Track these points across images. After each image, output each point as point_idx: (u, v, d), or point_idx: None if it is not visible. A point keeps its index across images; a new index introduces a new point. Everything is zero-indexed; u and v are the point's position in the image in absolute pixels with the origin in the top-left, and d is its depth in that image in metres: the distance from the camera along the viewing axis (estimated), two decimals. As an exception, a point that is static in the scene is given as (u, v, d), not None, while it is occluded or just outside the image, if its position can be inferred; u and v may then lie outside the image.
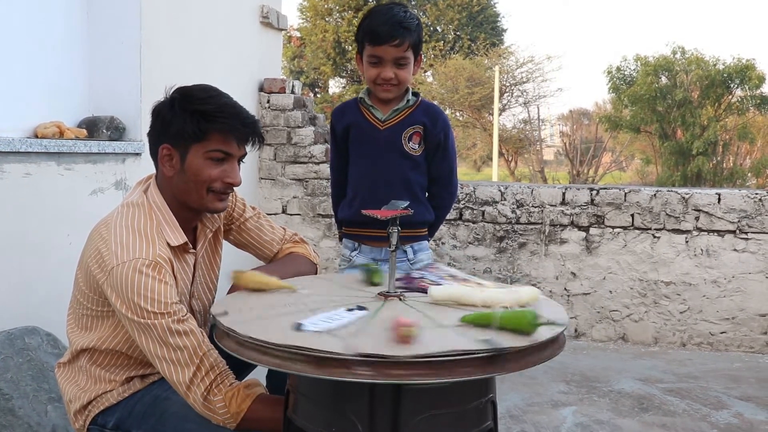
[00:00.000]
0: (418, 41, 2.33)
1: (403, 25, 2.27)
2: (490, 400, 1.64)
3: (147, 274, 1.70)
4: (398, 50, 2.27)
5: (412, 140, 2.40)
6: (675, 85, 20.06)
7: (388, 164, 2.39)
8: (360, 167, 2.45)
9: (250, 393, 1.71)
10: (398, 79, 2.32)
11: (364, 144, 2.42)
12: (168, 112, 1.85)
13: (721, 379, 3.84)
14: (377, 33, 2.27)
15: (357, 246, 2.47)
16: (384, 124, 2.40)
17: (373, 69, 2.32)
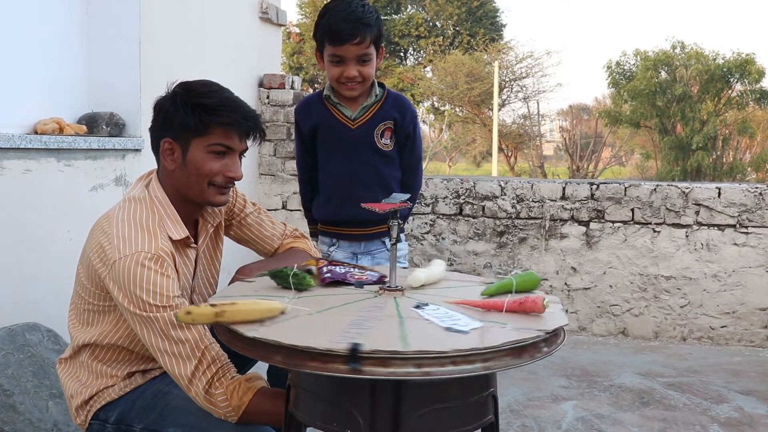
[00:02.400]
0: (379, 35, 2.28)
1: (363, 21, 2.21)
2: (491, 395, 1.64)
3: (149, 267, 1.71)
4: (360, 48, 2.23)
5: (384, 136, 2.37)
6: (675, 80, 20.06)
7: (362, 163, 2.36)
8: (333, 167, 2.40)
9: (252, 386, 1.71)
10: (362, 76, 2.27)
11: (335, 143, 2.38)
12: (170, 106, 1.85)
13: (722, 373, 3.85)
14: (337, 32, 2.21)
15: (335, 242, 2.46)
16: (355, 122, 2.36)
17: (335, 68, 2.27)
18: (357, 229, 2.40)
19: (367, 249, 2.44)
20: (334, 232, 2.46)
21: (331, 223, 2.45)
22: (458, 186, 4.69)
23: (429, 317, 1.54)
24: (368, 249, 2.44)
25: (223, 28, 4.37)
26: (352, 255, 2.43)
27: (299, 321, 1.52)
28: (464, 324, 1.49)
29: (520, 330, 1.46)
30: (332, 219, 2.44)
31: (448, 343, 1.38)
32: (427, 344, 1.36)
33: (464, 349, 1.35)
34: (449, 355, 1.34)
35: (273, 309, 1.52)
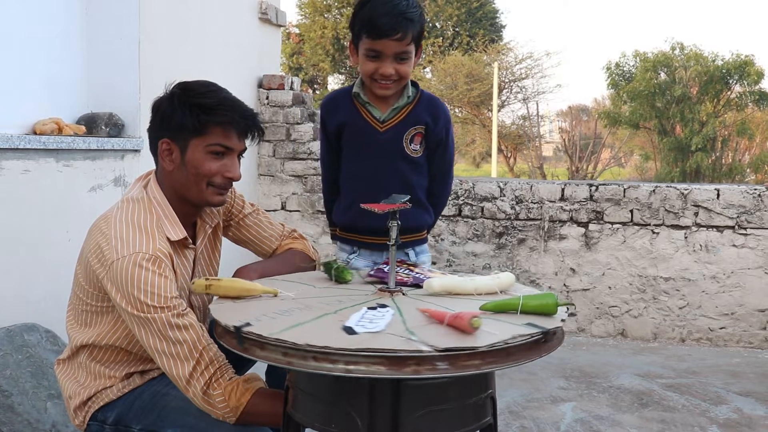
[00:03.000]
0: (421, 32, 2.11)
1: (406, 16, 2.04)
2: (489, 396, 1.64)
3: (147, 268, 1.70)
4: (400, 44, 2.05)
5: (414, 142, 2.20)
6: (674, 81, 20.05)
7: (388, 168, 2.20)
8: (357, 170, 2.25)
9: (250, 387, 1.71)
10: (399, 74, 2.10)
11: (362, 146, 2.21)
12: (168, 106, 1.85)
13: (721, 375, 3.85)
14: (377, 25, 2.03)
15: (355, 249, 2.31)
16: (384, 125, 2.19)
17: (370, 63, 2.09)
18: (379, 239, 2.20)
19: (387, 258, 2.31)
20: (355, 240, 2.30)
21: (351, 230, 2.30)
22: (457, 187, 4.69)
23: (357, 318, 1.53)
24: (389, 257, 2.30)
25: (223, 28, 4.37)
26: (373, 264, 2.26)
27: (266, 305, 1.69)
28: (372, 327, 1.47)
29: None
30: (353, 226, 2.28)
31: (330, 340, 1.40)
32: (312, 338, 1.41)
33: (321, 346, 1.38)
34: (310, 350, 1.39)
35: (251, 289, 1.76)
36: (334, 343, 1.38)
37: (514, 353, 1.43)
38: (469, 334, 1.43)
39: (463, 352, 1.38)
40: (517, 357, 1.43)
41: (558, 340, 1.54)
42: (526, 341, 1.45)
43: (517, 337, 1.43)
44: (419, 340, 1.40)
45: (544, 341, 1.49)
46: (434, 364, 1.37)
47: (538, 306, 1.57)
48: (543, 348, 1.49)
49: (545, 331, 1.48)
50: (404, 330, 1.48)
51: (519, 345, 1.44)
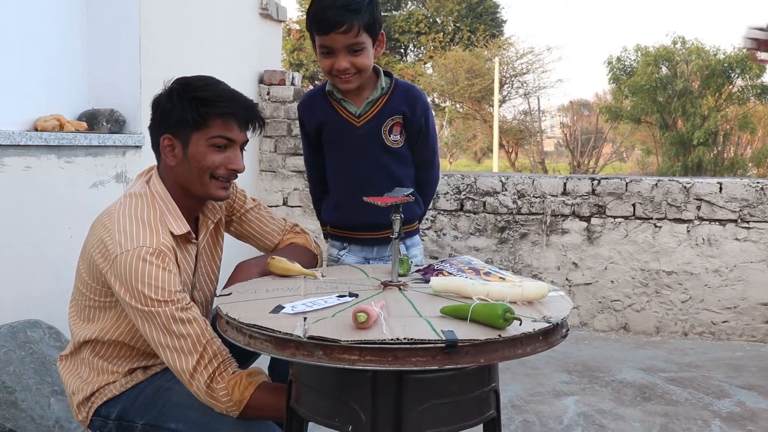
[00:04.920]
0: (372, 21, 2.05)
1: (350, 7, 2.01)
2: (492, 389, 1.64)
3: (151, 262, 1.70)
4: (348, 37, 2.02)
5: (393, 132, 2.18)
6: (675, 75, 20.04)
7: (370, 162, 2.18)
8: (340, 167, 2.25)
9: (253, 381, 1.71)
10: (356, 67, 2.07)
11: (341, 142, 2.21)
12: (167, 102, 1.85)
13: (723, 368, 3.85)
14: (322, 20, 2.03)
15: (345, 245, 2.31)
16: (360, 119, 2.17)
17: (326, 60, 2.08)
18: (369, 233, 2.23)
19: (379, 254, 2.28)
20: (345, 236, 2.30)
21: (341, 227, 2.31)
22: (459, 182, 4.69)
23: (306, 300, 1.63)
24: (381, 254, 2.28)
25: (223, 24, 4.37)
26: (364, 260, 2.28)
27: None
28: (301, 308, 1.56)
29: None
30: (342, 223, 2.29)
31: (258, 318, 1.52)
32: (243, 315, 1.54)
33: (246, 322, 1.50)
34: (233, 322, 1.55)
35: (291, 269, 1.94)
36: (245, 318, 1.51)
37: (403, 356, 1.36)
38: (362, 329, 1.40)
39: (332, 344, 1.37)
40: (408, 361, 1.36)
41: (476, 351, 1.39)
42: (417, 347, 1.36)
43: (407, 341, 1.36)
44: (305, 327, 1.43)
45: (450, 350, 1.37)
46: (310, 350, 1.40)
47: (486, 317, 1.44)
48: (452, 358, 1.37)
49: (449, 342, 1.36)
50: (327, 316, 1.52)
51: (409, 348, 1.36)
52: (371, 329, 1.41)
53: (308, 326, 1.43)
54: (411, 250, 2.33)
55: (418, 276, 1.90)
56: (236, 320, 1.52)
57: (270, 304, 1.61)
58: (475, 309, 1.46)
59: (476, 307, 1.46)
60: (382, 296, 1.68)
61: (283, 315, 1.53)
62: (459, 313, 1.49)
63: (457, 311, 1.50)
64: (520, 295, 1.62)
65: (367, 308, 1.42)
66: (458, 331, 1.40)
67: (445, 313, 1.52)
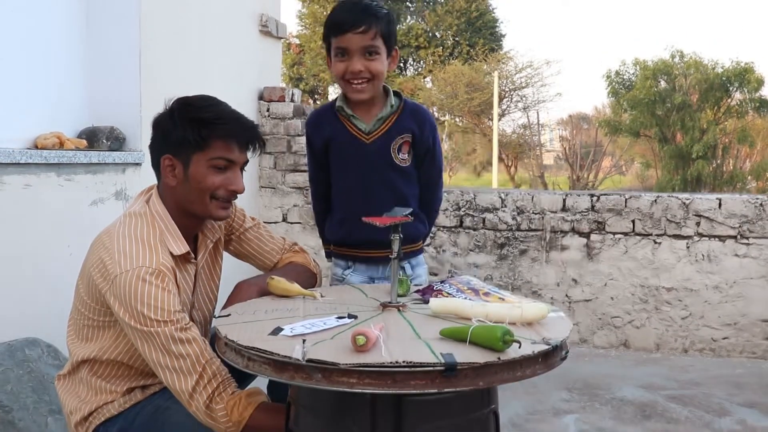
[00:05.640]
0: (389, 32, 2.10)
1: (370, 11, 2.07)
2: (492, 411, 1.64)
3: (150, 282, 1.71)
4: (365, 38, 2.05)
5: (402, 151, 2.18)
6: (674, 89, 20.10)
7: (378, 180, 2.18)
8: (346, 184, 2.24)
9: (252, 401, 1.71)
10: (370, 71, 2.08)
11: (350, 159, 2.20)
12: (168, 122, 1.86)
13: (724, 386, 3.83)
14: (341, 20, 2.07)
15: (350, 264, 2.28)
16: (370, 136, 2.17)
17: (340, 63, 2.09)
18: (374, 252, 2.20)
19: (385, 274, 2.24)
20: (350, 255, 2.28)
21: (346, 245, 2.28)
22: (458, 198, 4.69)
23: (305, 322, 1.62)
24: (386, 274, 2.22)
25: (224, 41, 4.38)
26: (369, 279, 2.26)
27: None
28: (301, 330, 1.55)
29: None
30: (347, 241, 2.26)
31: (256, 340, 1.52)
32: (257, 342, 1.51)
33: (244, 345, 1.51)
34: (231, 345, 1.55)
35: (290, 290, 1.95)
36: (244, 340, 1.51)
37: (402, 379, 1.36)
38: (361, 352, 1.40)
39: (330, 367, 1.36)
40: (407, 384, 1.36)
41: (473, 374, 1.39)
42: (416, 370, 1.36)
43: (406, 364, 1.36)
44: (305, 350, 1.42)
45: (449, 373, 1.36)
46: (309, 373, 1.39)
47: (485, 339, 1.44)
48: (451, 381, 1.37)
49: (448, 365, 1.36)
50: (326, 339, 1.51)
51: (408, 372, 1.36)
52: (370, 352, 1.41)
53: (307, 349, 1.42)
54: (416, 269, 2.32)
55: (417, 296, 1.90)
56: (235, 342, 1.51)
57: (269, 325, 1.61)
58: (474, 331, 1.46)
59: (475, 330, 1.46)
60: (381, 318, 1.68)
61: (282, 337, 1.52)
62: (458, 335, 1.49)
63: (456, 333, 1.50)
64: (519, 317, 1.61)
65: (366, 331, 1.42)
66: (457, 353, 1.40)
67: (444, 335, 1.51)
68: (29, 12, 3.12)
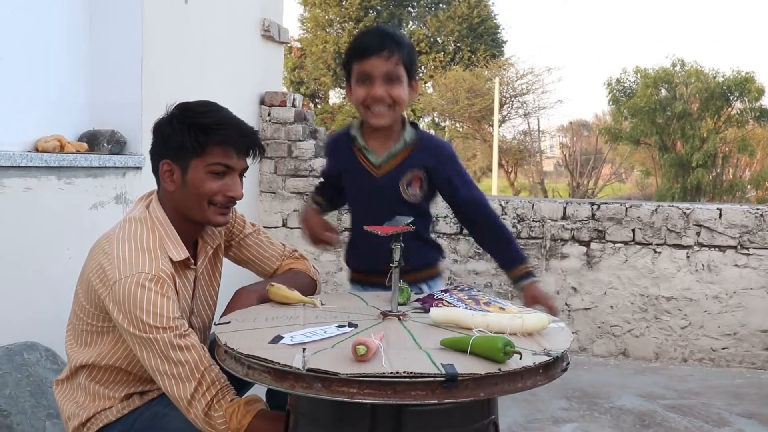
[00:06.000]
0: (410, 61, 2.10)
1: (393, 38, 2.07)
2: (492, 422, 1.63)
3: (149, 288, 1.70)
4: (388, 63, 2.04)
5: (412, 186, 2.14)
6: (675, 98, 20.11)
7: (387, 213, 2.04)
8: (358, 215, 2.24)
9: (251, 409, 1.70)
10: (392, 98, 2.06)
11: (360, 191, 2.20)
12: (167, 127, 1.86)
13: (723, 396, 3.82)
14: (364, 46, 2.07)
15: (367, 284, 2.25)
16: (379, 169, 2.15)
17: (361, 89, 2.07)
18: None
19: None
20: (368, 282, 2.23)
21: (365, 272, 2.27)
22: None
23: (305, 330, 1.62)
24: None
25: (225, 45, 4.38)
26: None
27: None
28: (301, 339, 1.55)
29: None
30: (359, 269, 2.28)
31: (256, 349, 1.52)
32: (257, 351, 1.51)
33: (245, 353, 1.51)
34: (232, 352, 1.55)
35: (290, 297, 1.94)
36: (244, 348, 1.50)
37: (402, 389, 1.36)
38: (361, 362, 1.40)
39: (330, 377, 1.36)
40: (408, 395, 1.35)
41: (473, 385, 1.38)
42: (416, 381, 1.36)
43: (406, 374, 1.35)
44: (305, 359, 1.42)
45: (449, 384, 1.36)
46: (309, 382, 1.39)
47: (486, 350, 1.43)
48: (452, 392, 1.37)
49: (449, 376, 1.36)
50: (326, 348, 1.50)
51: (408, 382, 1.35)
52: (370, 362, 1.40)
53: (307, 358, 1.42)
54: (433, 288, 2.25)
55: (418, 306, 1.89)
56: (235, 350, 1.51)
57: (269, 333, 1.60)
58: (475, 342, 1.45)
59: (476, 340, 1.46)
60: (382, 327, 1.68)
61: (282, 345, 1.52)
62: (459, 345, 1.49)
63: (456, 343, 1.49)
64: (520, 327, 1.61)
65: (366, 340, 1.42)
66: (458, 364, 1.40)
67: (445, 345, 1.51)
68: (31, 13, 3.12)
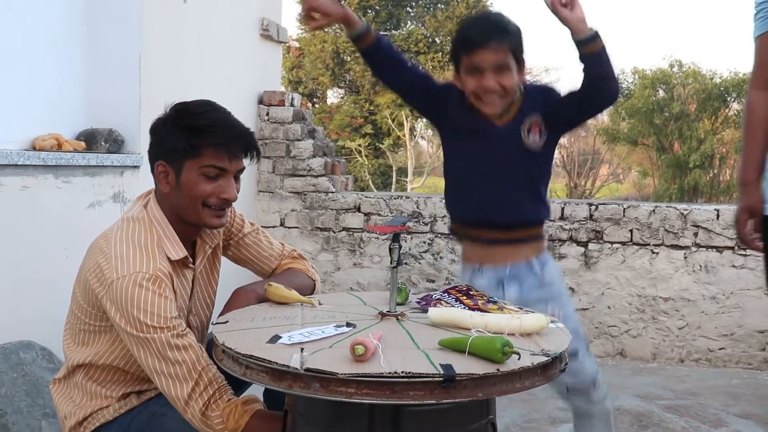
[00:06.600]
0: (518, 46, 2.11)
1: (500, 27, 2.08)
2: (490, 422, 1.63)
3: (147, 288, 1.70)
4: (497, 54, 2.05)
5: (532, 132, 2.13)
6: (672, 99, 20.15)
7: (506, 162, 2.13)
8: (467, 167, 2.19)
9: (248, 409, 1.70)
10: (503, 87, 2.08)
11: (476, 143, 2.16)
12: (162, 128, 1.87)
13: (720, 396, 3.83)
14: (472, 39, 2.07)
15: (478, 268, 2.21)
16: (500, 119, 2.14)
17: (472, 80, 2.09)
18: (502, 233, 2.16)
19: (513, 273, 2.18)
20: (464, 234, 2.22)
21: (467, 225, 2.23)
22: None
23: (303, 330, 1.61)
24: (515, 273, 2.18)
25: (224, 45, 4.37)
26: (497, 283, 2.17)
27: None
28: (298, 339, 1.55)
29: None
30: (470, 219, 2.22)
31: (242, 345, 1.53)
32: (255, 350, 1.50)
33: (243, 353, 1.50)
34: (229, 352, 1.54)
35: (289, 297, 1.93)
36: (242, 348, 1.50)
37: (400, 389, 1.36)
38: (360, 362, 1.40)
39: (329, 376, 1.36)
40: (405, 395, 1.36)
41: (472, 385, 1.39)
42: (414, 381, 1.36)
43: (404, 374, 1.35)
44: (302, 358, 1.42)
45: (447, 384, 1.36)
46: (307, 382, 1.38)
47: (485, 350, 1.43)
48: (450, 392, 1.37)
49: (447, 376, 1.36)
50: (324, 348, 1.50)
51: (406, 382, 1.35)
52: (369, 362, 1.40)
53: (305, 358, 1.42)
54: (546, 267, 2.25)
55: (416, 306, 1.89)
56: (233, 350, 1.51)
57: (267, 333, 1.60)
58: (473, 342, 1.46)
59: (475, 340, 1.46)
60: (380, 327, 1.68)
61: (280, 345, 1.52)
62: (457, 345, 1.49)
63: (455, 344, 1.49)
64: (518, 328, 1.61)
65: (364, 341, 1.42)
66: (456, 364, 1.40)
67: (443, 346, 1.51)
68: (29, 12, 3.11)
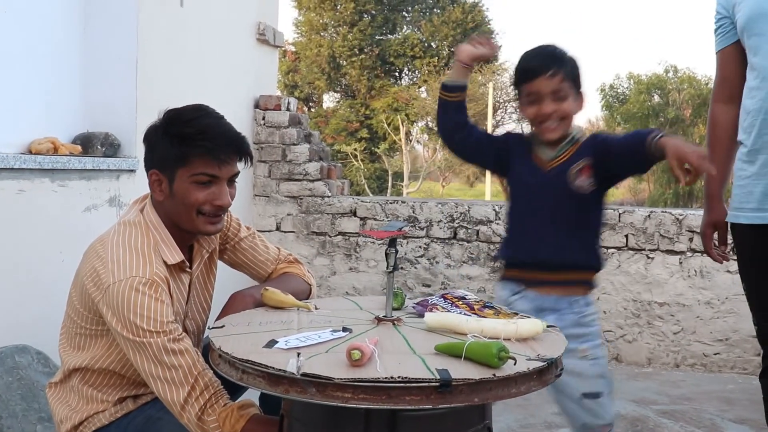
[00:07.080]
0: (574, 75, 2.20)
1: (555, 55, 2.19)
2: (486, 427, 1.64)
3: (143, 292, 1.70)
4: (552, 81, 2.15)
5: (580, 175, 2.18)
6: (667, 104, 20.26)
7: (554, 206, 2.19)
8: (519, 207, 2.29)
9: (244, 413, 1.70)
10: (560, 113, 2.16)
11: (526, 185, 2.25)
12: (153, 137, 1.87)
13: (715, 401, 3.83)
14: (529, 68, 2.20)
15: (521, 289, 2.23)
16: (550, 163, 2.21)
17: (531, 108, 2.19)
18: (544, 274, 2.19)
19: (555, 305, 2.18)
20: (520, 278, 2.24)
21: (516, 265, 2.27)
22: (452, 210, 4.69)
23: (299, 335, 1.62)
24: (557, 306, 2.18)
25: (220, 49, 4.38)
26: (538, 310, 2.15)
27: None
28: (295, 343, 1.55)
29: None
30: (516, 259, 2.28)
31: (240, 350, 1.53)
32: (251, 355, 1.51)
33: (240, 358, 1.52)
34: (226, 357, 1.55)
35: (285, 301, 1.94)
36: (239, 352, 1.50)
37: (397, 394, 1.36)
38: (356, 367, 1.40)
39: (325, 381, 1.37)
40: (402, 400, 1.36)
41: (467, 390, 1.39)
42: (410, 385, 1.36)
43: (400, 379, 1.36)
44: (299, 363, 1.41)
45: (443, 389, 1.37)
46: (303, 387, 1.39)
47: (481, 355, 1.44)
48: (446, 397, 1.37)
49: (443, 381, 1.36)
50: (321, 353, 1.50)
51: (403, 387, 1.36)
52: (365, 367, 1.40)
53: (302, 363, 1.42)
54: (587, 310, 2.24)
55: (412, 311, 1.89)
56: (229, 354, 1.51)
57: (263, 338, 1.60)
58: (469, 347, 1.46)
59: (471, 345, 1.46)
60: (376, 331, 1.68)
61: (277, 350, 1.52)
62: (453, 350, 1.49)
63: (451, 349, 1.50)
64: (514, 333, 1.62)
65: (361, 345, 1.42)
66: (452, 369, 1.40)
67: (440, 351, 1.51)
68: (26, 15, 3.11)
